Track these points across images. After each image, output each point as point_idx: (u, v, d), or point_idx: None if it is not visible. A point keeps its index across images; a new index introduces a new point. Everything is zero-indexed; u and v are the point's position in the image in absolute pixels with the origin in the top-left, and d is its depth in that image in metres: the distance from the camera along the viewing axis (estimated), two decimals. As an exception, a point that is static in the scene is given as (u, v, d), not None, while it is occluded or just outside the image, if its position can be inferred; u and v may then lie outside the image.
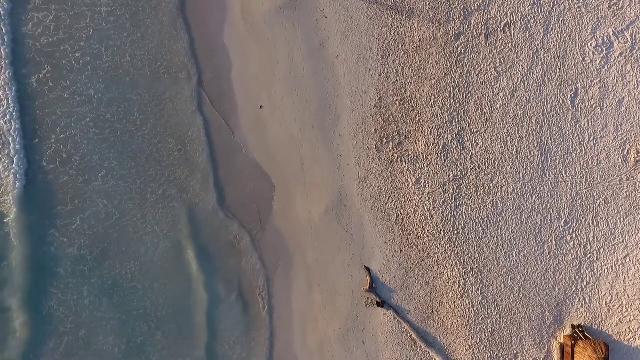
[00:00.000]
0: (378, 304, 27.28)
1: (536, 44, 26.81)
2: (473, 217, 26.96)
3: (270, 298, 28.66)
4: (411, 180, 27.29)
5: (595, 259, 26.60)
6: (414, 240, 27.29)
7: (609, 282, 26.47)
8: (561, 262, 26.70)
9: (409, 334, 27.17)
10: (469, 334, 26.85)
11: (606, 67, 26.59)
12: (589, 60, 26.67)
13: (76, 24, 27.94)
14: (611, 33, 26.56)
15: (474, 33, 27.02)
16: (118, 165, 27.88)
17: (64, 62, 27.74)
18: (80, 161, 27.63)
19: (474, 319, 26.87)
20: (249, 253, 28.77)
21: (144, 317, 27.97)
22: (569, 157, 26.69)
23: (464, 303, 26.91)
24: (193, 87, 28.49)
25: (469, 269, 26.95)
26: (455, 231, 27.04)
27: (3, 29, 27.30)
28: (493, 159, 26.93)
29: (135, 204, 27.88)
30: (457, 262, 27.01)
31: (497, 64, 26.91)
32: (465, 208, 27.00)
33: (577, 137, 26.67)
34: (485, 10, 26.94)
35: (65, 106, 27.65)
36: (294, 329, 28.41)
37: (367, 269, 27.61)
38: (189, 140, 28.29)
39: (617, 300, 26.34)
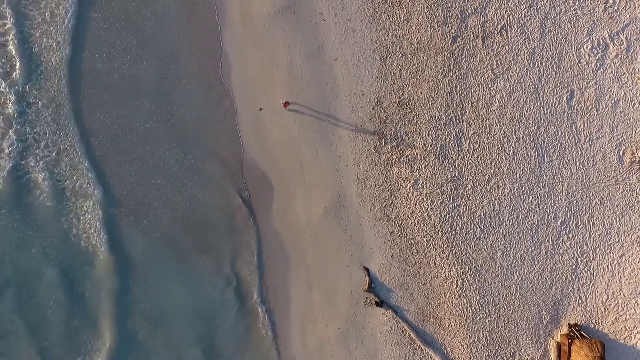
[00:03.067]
0: (377, 304, 27.53)
1: (533, 46, 27.10)
2: (471, 217, 27.23)
3: (269, 299, 28.94)
4: (409, 182, 27.57)
5: (591, 258, 26.86)
6: (412, 240, 27.57)
7: (605, 282, 26.74)
8: (558, 262, 26.96)
9: (407, 334, 27.43)
10: (467, 334, 27.11)
11: (602, 69, 26.87)
12: (585, 63, 26.95)
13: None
14: (607, 35, 26.84)
15: (471, 36, 27.30)
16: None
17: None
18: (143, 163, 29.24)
19: (472, 318, 27.13)
20: (249, 255, 29.05)
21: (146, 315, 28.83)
22: (566, 158, 26.98)
23: (462, 303, 27.17)
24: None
25: (467, 269, 27.22)
26: (453, 232, 27.32)
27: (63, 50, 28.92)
28: (490, 160, 27.22)
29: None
30: (455, 262, 27.29)
31: (494, 66, 27.20)
32: (463, 209, 27.28)
33: (573, 139, 26.95)
34: (483, 13, 27.22)
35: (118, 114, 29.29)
36: (293, 330, 28.67)
37: (366, 269, 27.86)
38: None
39: (613, 300, 26.59)
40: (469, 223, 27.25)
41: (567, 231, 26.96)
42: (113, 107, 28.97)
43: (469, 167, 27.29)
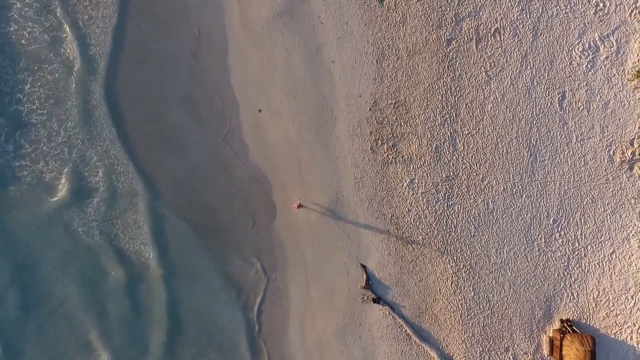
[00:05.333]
0: (374, 301, 28.08)
1: (525, 48, 27.70)
2: (465, 216, 27.82)
3: (269, 297, 29.43)
4: (405, 181, 28.16)
5: (583, 255, 27.44)
6: (408, 238, 28.14)
7: (597, 278, 27.33)
8: (550, 259, 27.53)
9: (404, 329, 28.00)
10: (461, 329, 27.69)
11: (593, 71, 27.46)
12: (576, 64, 27.54)
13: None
14: (597, 38, 27.44)
15: (465, 38, 27.89)
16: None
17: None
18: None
19: (466, 314, 27.71)
20: (249, 255, 29.52)
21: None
22: (558, 158, 27.58)
23: (457, 299, 27.76)
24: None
25: (461, 266, 27.82)
26: (448, 230, 27.91)
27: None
28: (484, 160, 27.81)
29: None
30: (450, 259, 27.87)
31: (488, 68, 27.80)
32: (458, 207, 27.88)
33: (565, 139, 27.56)
34: (476, 17, 27.82)
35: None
36: (292, 327, 29.15)
37: (364, 266, 28.41)
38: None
39: (604, 296, 27.18)
40: (463, 221, 27.83)
41: (559, 229, 27.55)
42: (153, 110, 29.95)
43: (464, 166, 27.88)
